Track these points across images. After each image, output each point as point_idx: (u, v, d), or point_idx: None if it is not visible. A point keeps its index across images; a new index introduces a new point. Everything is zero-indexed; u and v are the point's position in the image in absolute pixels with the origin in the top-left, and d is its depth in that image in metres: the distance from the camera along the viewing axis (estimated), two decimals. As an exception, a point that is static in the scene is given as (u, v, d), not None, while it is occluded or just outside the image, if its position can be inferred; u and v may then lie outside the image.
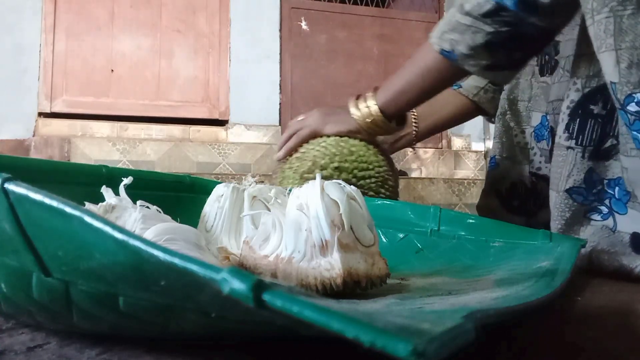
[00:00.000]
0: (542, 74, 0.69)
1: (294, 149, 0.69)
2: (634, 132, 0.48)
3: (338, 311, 0.14)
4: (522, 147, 0.74)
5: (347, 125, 0.67)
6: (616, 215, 0.54)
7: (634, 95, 0.46)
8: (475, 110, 0.88)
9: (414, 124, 0.88)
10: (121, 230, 0.17)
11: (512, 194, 0.75)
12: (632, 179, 0.51)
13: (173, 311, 0.20)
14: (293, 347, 0.25)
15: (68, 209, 0.18)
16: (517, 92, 0.74)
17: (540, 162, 0.71)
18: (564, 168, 0.57)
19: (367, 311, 0.21)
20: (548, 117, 0.67)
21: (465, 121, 0.93)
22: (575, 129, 0.55)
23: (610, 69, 0.47)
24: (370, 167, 0.64)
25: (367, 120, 0.65)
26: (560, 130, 0.57)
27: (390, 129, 0.67)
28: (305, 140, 0.68)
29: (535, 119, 0.70)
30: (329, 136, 0.67)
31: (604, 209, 0.55)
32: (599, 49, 0.49)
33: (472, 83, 0.89)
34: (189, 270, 0.16)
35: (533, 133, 0.70)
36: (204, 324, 0.21)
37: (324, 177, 0.62)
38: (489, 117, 0.87)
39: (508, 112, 0.75)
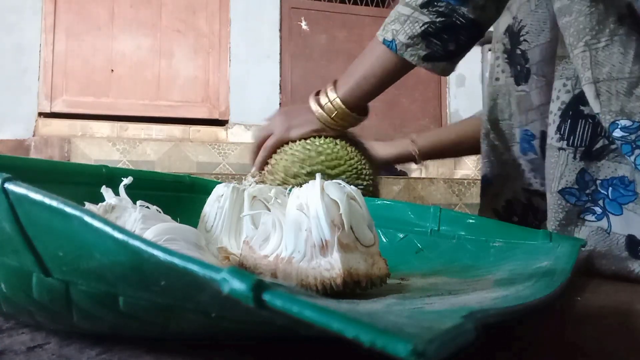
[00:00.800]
0: (518, 84, 0.69)
1: (265, 162, 0.68)
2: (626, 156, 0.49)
3: (338, 311, 0.14)
4: (510, 165, 0.73)
5: (311, 126, 0.66)
6: (610, 216, 0.54)
7: (617, 122, 0.48)
8: None
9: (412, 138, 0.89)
10: (121, 230, 0.17)
11: (509, 211, 0.74)
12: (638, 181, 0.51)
13: (173, 311, 0.20)
14: (293, 347, 0.25)
15: (68, 209, 0.18)
16: (496, 112, 0.74)
17: (529, 178, 0.70)
18: (556, 169, 0.57)
19: (367, 311, 0.21)
20: (530, 125, 0.67)
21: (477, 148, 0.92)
22: (567, 130, 0.56)
23: (591, 100, 0.50)
24: (342, 162, 0.63)
25: (331, 115, 0.65)
26: (551, 131, 0.58)
27: (355, 120, 0.67)
28: (273, 149, 0.67)
29: (519, 134, 0.70)
30: (294, 141, 0.66)
31: (598, 210, 0.55)
32: (580, 81, 0.51)
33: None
34: (189, 270, 0.16)
35: (519, 147, 0.71)
36: (204, 324, 0.21)
37: (299, 185, 0.62)
38: None
39: (492, 132, 0.75)
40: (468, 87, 3.42)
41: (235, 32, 3.02)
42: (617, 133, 0.48)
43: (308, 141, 0.65)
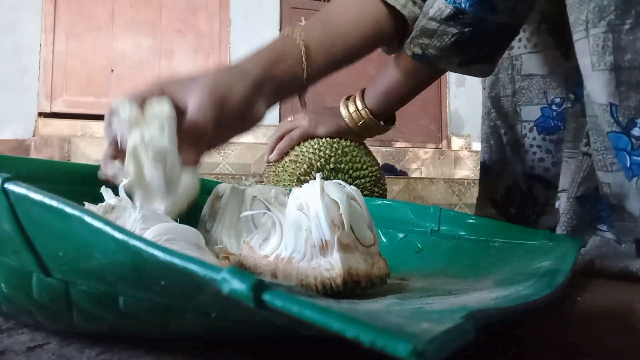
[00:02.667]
0: None
1: (287, 151, 0.69)
2: (636, 158, 0.46)
3: (338, 311, 0.14)
4: (512, 146, 0.71)
5: (338, 127, 0.68)
6: None
7: (636, 120, 0.45)
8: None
9: None
10: (121, 230, 0.17)
11: (508, 200, 0.73)
12: (616, 193, 0.50)
13: (173, 311, 0.20)
14: (293, 347, 0.25)
15: (68, 209, 0.18)
16: (498, 88, 0.72)
17: (533, 161, 0.69)
18: (577, 174, 0.57)
19: (367, 311, 0.21)
20: (553, 107, 0.66)
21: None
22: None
23: (609, 90, 0.46)
24: (364, 166, 0.65)
25: (358, 122, 0.66)
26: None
27: (380, 129, 0.68)
28: (298, 141, 0.68)
29: (531, 112, 0.68)
30: (320, 138, 0.68)
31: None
32: (593, 65, 0.46)
33: None
34: (188, 270, 0.16)
35: (534, 127, 0.69)
36: (204, 324, 0.21)
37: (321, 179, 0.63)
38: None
39: (492, 111, 0.73)
40: (468, 87, 3.41)
41: (235, 32, 3.02)
42: (636, 132, 0.45)
43: (335, 140, 0.67)
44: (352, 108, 0.67)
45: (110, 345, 0.25)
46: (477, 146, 3.29)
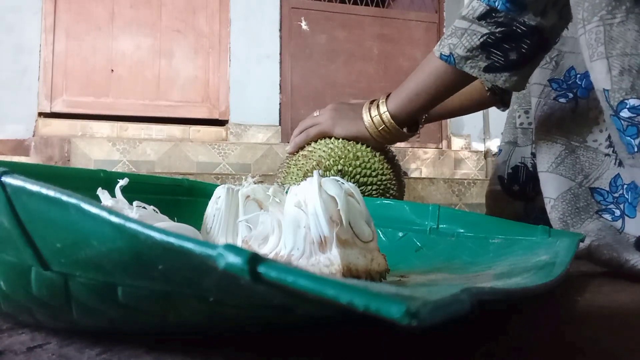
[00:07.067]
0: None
1: (303, 145, 0.69)
2: (627, 138, 0.49)
3: (332, 279, 0.14)
4: (524, 129, 0.73)
5: (356, 130, 0.66)
6: (626, 218, 0.56)
7: (626, 101, 0.48)
8: (492, 99, 0.85)
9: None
10: (117, 214, 0.17)
11: (513, 178, 0.76)
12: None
13: (172, 299, 0.20)
14: (293, 347, 0.25)
15: (65, 198, 0.18)
16: None
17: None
18: (595, 170, 0.59)
19: (362, 283, 0.21)
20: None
21: (480, 109, 0.89)
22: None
23: (602, 76, 0.49)
24: (374, 174, 0.64)
25: (379, 127, 0.65)
26: (601, 137, 0.60)
27: (402, 136, 0.67)
28: (315, 138, 0.68)
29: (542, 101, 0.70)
30: (337, 138, 0.67)
31: (617, 212, 0.57)
32: (590, 57, 0.50)
33: None
34: (185, 248, 0.16)
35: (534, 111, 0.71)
36: (203, 312, 0.21)
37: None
38: (505, 107, 0.84)
39: (514, 94, 0.75)
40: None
41: (235, 32, 3.02)
42: (625, 113, 0.48)
43: (351, 142, 0.66)
44: (373, 112, 0.66)
45: (110, 345, 0.25)
46: (477, 146, 3.29)
